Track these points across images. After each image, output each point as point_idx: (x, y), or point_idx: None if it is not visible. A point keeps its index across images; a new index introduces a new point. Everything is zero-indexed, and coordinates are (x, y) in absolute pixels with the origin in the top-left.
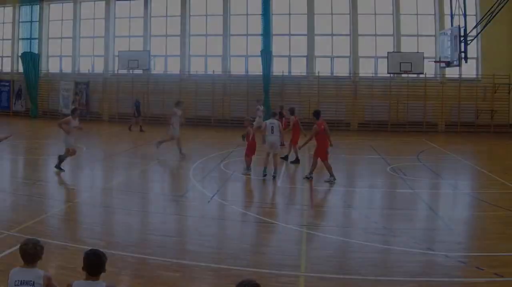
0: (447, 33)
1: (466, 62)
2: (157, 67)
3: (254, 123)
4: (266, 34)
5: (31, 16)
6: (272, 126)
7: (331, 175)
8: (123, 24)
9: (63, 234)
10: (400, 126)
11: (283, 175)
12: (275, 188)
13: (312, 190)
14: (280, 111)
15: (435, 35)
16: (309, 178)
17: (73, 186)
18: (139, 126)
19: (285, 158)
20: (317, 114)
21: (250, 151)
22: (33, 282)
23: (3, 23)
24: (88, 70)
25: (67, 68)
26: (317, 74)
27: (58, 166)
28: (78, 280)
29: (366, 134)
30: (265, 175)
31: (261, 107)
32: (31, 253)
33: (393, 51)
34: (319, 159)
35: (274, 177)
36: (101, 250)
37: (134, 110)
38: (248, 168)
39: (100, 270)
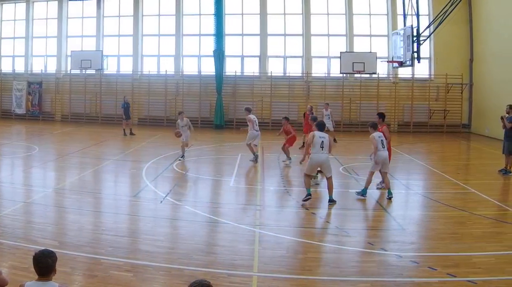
0: (399, 33)
1: (418, 62)
2: (110, 67)
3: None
4: (219, 34)
5: None
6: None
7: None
8: (75, 24)
9: (15, 234)
10: (353, 126)
11: (236, 174)
12: (228, 188)
13: (264, 190)
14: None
15: (387, 35)
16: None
17: (25, 186)
18: (129, 129)
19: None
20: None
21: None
22: None
23: None
24: (41, 70)
25: (19, 68)
26: (269, 74)
27: None
28: (30, 280)
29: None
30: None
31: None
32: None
33: (345, 51)
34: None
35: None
36: (54, 250)
37: (122, 112)
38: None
39: (50, 270)
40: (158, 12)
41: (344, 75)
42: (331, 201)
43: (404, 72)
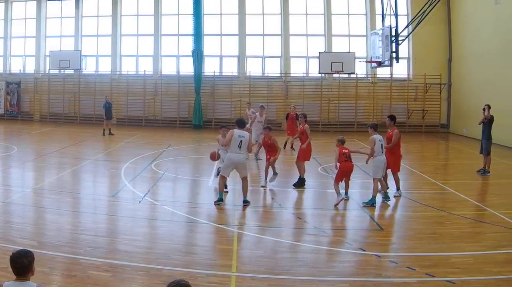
0: (378, 33)
1: (397, 62)
2: (89, 67)
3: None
4: (197, 34)
5: None
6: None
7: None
8: (54, 24)
9: None
10: (331, 126)
11: (215, 174)
12: (206, 187)
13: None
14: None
15: (366, 35)
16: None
17: (4, 186)
18: (108, 129)
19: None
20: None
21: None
22: None
23: None
24: (20, 70)
25: None
26: (248, 74)
27: None
28: (9, 280)
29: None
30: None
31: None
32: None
33: (324, 51)
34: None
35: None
36: (32, 250)
37: (104, 112)
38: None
39: (27, 270)
40: (137, 12)
41: (323, 75)
42: (245, 202)
43: (382, 72)
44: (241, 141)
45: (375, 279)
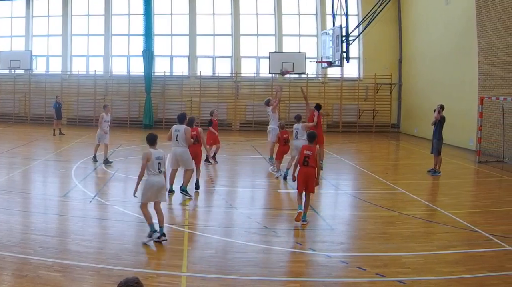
0: (328, 33)
1: (348, 62)
2: (39, 67)
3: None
4: (148, 34)
5: None
6: (297, 131)
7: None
8: (4, 24)
9: None
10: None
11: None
12: None
13: (193, 190)
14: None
15: (317, 35)
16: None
17: None
18: (58, 129)
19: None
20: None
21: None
22: None
23: None
24: None
25: None
26: (199, 74)
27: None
28: None
29: (248, 134)
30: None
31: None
32: None
33: (275, 51)
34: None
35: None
36: None
37: (54, 112)
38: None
39: None
40: (87, 12)
41: (273, 75)
42: (182, 190)
43: (333, 72)
44: (177, 135)
45: (325, 279)
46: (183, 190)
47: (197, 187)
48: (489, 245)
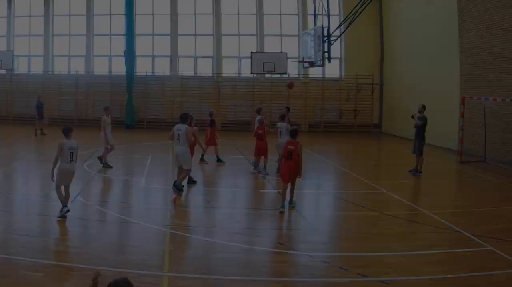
0: (310, 33)
1: (329, 62)
2: (21, 67)
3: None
4: (130, 34)
5: None
6: (280, 131)
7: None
8: None
9: None
10: None
11: (147, 174)
12: (138, 187)
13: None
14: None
15: (298, 35)
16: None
17: None
18: (40, 129)
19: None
20: None
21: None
22: None
23: None
24: None
25: None
26: (180, 74)
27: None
28: None
29: (229, 134)
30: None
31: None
32: None
33: (256, 51)
34: None
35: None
36: None
37: (36, 112)
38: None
39: None
40: (69, 12)
41: (255, 75)
42: (176, 186)
43: (314, 72)
44: (178, 134)
45: (307, 279)
46: (175, 185)
47: (190, 182)
48: (471, 245)
